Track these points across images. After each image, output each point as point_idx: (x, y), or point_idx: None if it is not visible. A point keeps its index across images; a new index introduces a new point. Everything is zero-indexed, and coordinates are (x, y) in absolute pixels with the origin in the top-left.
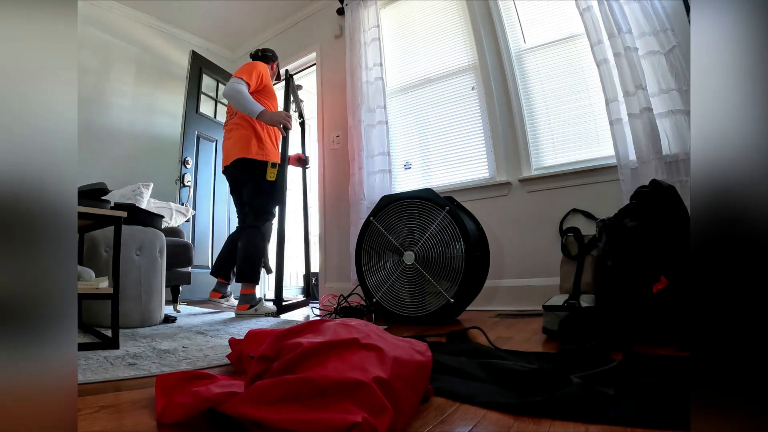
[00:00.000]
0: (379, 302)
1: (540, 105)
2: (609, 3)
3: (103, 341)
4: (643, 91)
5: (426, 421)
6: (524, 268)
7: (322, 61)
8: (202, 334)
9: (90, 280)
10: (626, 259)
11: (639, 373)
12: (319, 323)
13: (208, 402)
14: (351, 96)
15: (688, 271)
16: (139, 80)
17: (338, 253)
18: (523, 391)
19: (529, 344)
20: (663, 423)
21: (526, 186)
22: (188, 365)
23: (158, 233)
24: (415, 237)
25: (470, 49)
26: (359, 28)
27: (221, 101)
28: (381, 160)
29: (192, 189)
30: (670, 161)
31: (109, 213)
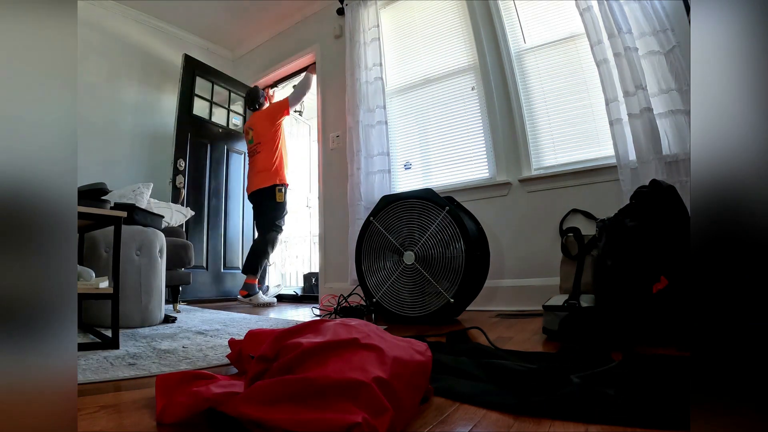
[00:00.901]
0: (379, 302)
1: (540, 105)
2: (609, 3)
3: (103, 341)
4: (643, 91)
5: (426, 421)
6: (524, 268)
7: (321, 61)
8: (202, 334)
9: (90, 280)
10: (626, 259)
11: (639, 373)
12: (319, 323)
13: (207, 402)
14: (350, 96)
15: (688, 271)
16: (140, 80)
17: (338, 253)
18: (523, 391)
19: (529, 344)
20: (663, 423)
21: (526, 186)
22: (188, 365)
23: (158, 233)
24: (415, 237)
25: (470, 49)
26: (359, 28)
27: (217, 103)
28: (380, 160)
29: (185, 191)
30: (670, 161)
31: (109, 213)
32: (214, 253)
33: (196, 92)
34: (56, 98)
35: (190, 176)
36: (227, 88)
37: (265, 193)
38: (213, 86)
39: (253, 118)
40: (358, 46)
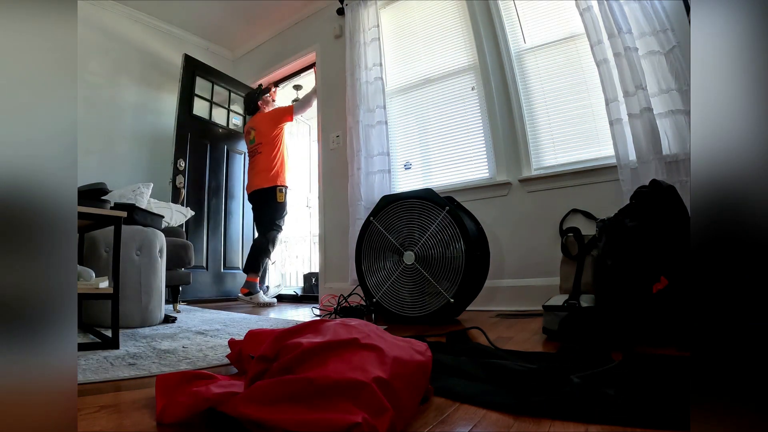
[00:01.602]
0: (379, 302)
1: (540, 105)
2: (609, 3)
3: (103, 341)
4: (643, 91)
5: (426, 421)
6: (524, 268)
7: (321, 61)
8: (202, 334)
9: (90, 280)
10: (626, 259)
11: (639, 373)
12: (319, 323)
13: (207, 402)
14: (350, 96)
15: (688, 271)
16: (140, 80)
17: (338, 253)
18: (523, 391)
19: (529, 344)
20: (663, 423)
21: (526, 186)
22: (188, 365)
23: (158, 233)
24: (415, 237)
25: (470, 49)
26: (359, 28)
27: (217, 103)
28: (380, 161)
29: (185, 191)
30: (670, 161)
31: (109, 213)
32: (214, 253)
33: (196, 92)
34: (56, 98)
35: (190, 176)
36: (227, 88)
37: (266, 194)
38: (213, 86)
39: (255, 119)
40: (358, 46)
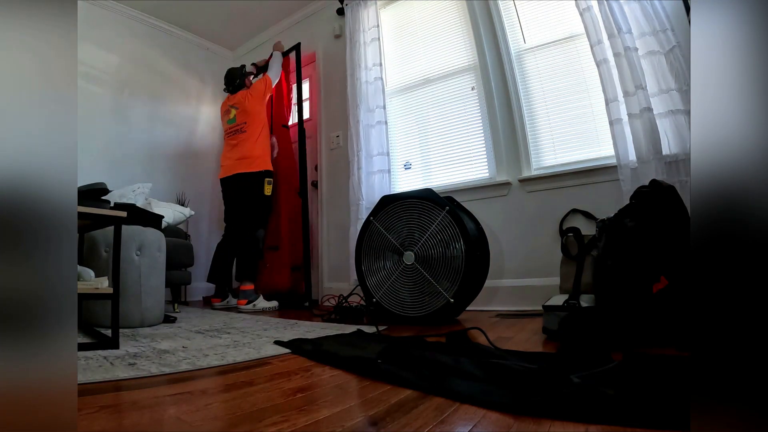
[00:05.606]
0: (379, 302)
1: (540, 105)
2: (609, 3)
3: (103, 341)
4: (643, 91)
5: (426, 421)
6: (524, 268)
7: (321, 61)
8: (202, 334)
9: (90, 280)
10: (626, 259)
11: (639, 373)
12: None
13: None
14: (351, 96)
15: (688, 271)
16: (140, 79)
17: (338, 253)
18: (522, 391)
19: (529, 344)
20: (663, 423)
21: (526, 186)
22: (188, 365)
23: (158, 233)
24: (415, 237)
25: (470, 49)
26: (359, 28)
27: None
28: (380, 160)
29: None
30: (670, 161)
31: (109, 213)
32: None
33: None
34: (56, 98)
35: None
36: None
37: (251, 181)
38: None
39: (237, 95)
40: (358, 46)
